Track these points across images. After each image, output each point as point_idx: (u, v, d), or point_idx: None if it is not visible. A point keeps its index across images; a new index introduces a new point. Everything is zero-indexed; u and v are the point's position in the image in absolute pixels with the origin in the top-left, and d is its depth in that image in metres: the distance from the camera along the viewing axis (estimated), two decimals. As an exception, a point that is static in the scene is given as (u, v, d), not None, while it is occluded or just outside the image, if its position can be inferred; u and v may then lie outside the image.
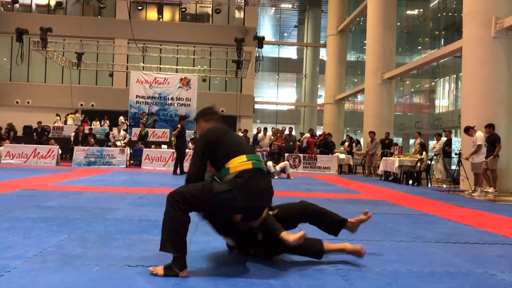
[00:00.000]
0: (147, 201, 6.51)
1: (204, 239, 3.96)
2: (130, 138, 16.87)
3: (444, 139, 13.79)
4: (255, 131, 20.11)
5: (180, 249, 2.82)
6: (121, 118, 20.36)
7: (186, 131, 18.59)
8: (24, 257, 3.14)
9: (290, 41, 35.33)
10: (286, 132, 17.12)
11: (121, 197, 6.82)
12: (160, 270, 2.84)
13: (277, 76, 32.97)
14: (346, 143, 17.93)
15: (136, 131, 18.36)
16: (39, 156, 14.90)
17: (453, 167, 12.77)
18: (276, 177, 12.24)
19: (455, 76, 20.64)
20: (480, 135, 9.93)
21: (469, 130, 10.17)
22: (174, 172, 12.73)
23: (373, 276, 3.00)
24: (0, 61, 25.77)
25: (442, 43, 21.65)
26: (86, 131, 17.55)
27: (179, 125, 13.01)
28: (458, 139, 15.76)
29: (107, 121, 21.14)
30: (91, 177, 10.48)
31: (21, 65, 20.28)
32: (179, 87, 21.81)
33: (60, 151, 15.59)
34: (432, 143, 16.26)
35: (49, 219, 4.69)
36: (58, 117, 21.62)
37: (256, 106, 29.37)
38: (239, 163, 2.97)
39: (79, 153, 14.94)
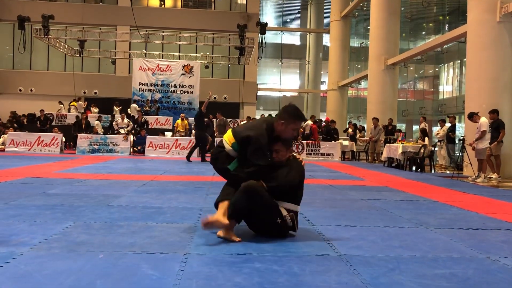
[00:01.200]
0: (151, 188, 6.54)
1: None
2: (134, 126, 16.90)
3: (448, 125, 13.74)
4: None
5: None
6: (135, 106, 20.26)
7: (189, 118, 18.64)
8: (29, 244, 3.17)
9: (293, 27, 35.08)
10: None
11: (125, 184, 6.86)
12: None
13: (280, 63, 32.82)
14: (350, 129, 17.90)
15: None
16: (43, 144, 14.96)
17: (457, 153, 12.76)
18: None
19: (459, 61, 20.50)
20: (484, 121, 9.89)
21: (473, 116, 10.14)
22: (188, 159, 12.85)
23: (376, 262, 3.01)
24: (3, 49, 25.73)
25: (447, 28, 21.49)
26: (94, 119, 17.53)
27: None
28: (462, 125, 15.71)
29: (118, 108, 20.49)
30: (95, 165, 10.53)
31: (23, 53, 20.28)
32: (181, 74, 21.77)
33: (63, 139, 15.65)
34: (436, 129, 16.22)
35: (54, 206, 4.73)
36: (62, 105, 21.64)
37: (259, 93, 29.30)
38: None
39: (83, 140, 14.99)
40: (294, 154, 3.72)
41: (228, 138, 3.65)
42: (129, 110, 19.81)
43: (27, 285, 2.34)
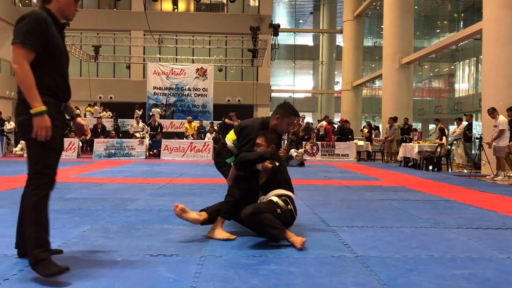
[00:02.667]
0: (167, 191, 6.58)
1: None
2: (149, 130, 17.03)
3: (465, 123, 13.55)
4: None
5: None
6: (158, 110, 20.40)
7: (204, 121, 18.73)
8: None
9: (306, 27, 35.01)
10: (306, 121, 17.11)
11: (141, 188, 6.91)
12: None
13: (293, 64, 32.77)
14: (365, 130, 17.78)
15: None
16: (61, 149, 15.14)
17: (474, 151, 12.58)
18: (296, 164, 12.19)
19: (475, 59, 20.23)
20: (503, 119, 9.71)
21: (494, 112, 9.86)
22: None
23: (393, 263, 2.99)
24: (20, 56, 26.09)
25: (462, 26, 21.21)
26: (110, 124, 17.71)
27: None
28: (479, 123, 15.49)
29: (140, 112, 20.39)
30: (112, 169, 10.63)
31: (40, 60, 20.51)
32: (195, 78, 21.88)
33: (80, 144, 15.84)
34: (452, 128, 16.02)
35: (72, 210, 4.79)
36: (78, 110, 21.89)
37: (273, 95, 29.30)
38: None
39: (99, 145, 15.15)
40: (280, 150, 3.94)
41: (230, 136, 4.00)
42: (150, 113, 19.95)
43: (47, 289, 2.37)
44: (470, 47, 19.79)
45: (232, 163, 3.78)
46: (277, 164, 3.57)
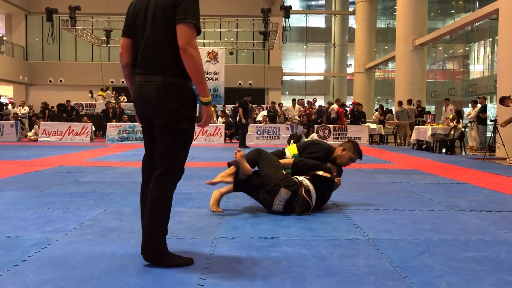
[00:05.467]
0: (179, 174, 6.60)
1: (234, 212, 4.03)
2: None
3: (479, 106, 13.36)
4: (288, 104, 19.86)
5: None
6: None
7: (217, 105, 18.72)
8: (64, 230, 3.27)
9: (318, 9, 34.55)
10: (319, 104, 17.01)
11: (154, 172, 6.95)
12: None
13: (305, 46, 32.47)
14: (377, 113, 17.64)
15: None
16: (74, 133, 15.31)
17: (488, 134, 12.42)
18: None
19: (490, 39, 19.85)
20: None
21: (504, 101, 9.75)
22: (243, 145, 12.98)
23: (405, 245, 2.99)
24: (33, 41, 26.27)
25: (477, 5, 20.77)
26: (126, 108, 17.86)
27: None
28: (493, 105, 15.27)
29: None
30: (125, 153, 10.72)
31: (52, 45, 20.70)
32: (206, 61, 21.79)
33: (93, 128, 15.97)
34: (467, 110, 15.81)
35: (86, 193, 4.85)
36: (91, 94, 22.06)
37: (284, 78, 29.11)
38: None
39: (112, 129, 15.27)
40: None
41: (291, 149, 4.40)
42: None
43: (63, 270, 2.42)
44: (486, 28, 19.41)
45: (293, 158, 4.20)
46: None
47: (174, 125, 2.43)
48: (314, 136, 13.19)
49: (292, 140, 12.31)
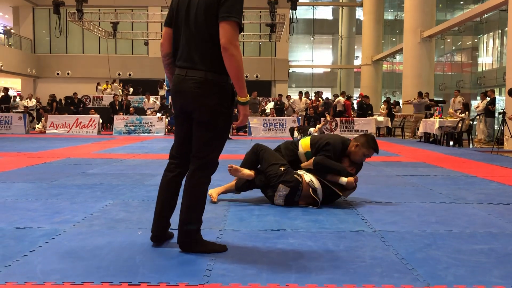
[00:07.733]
0: (185, 167, 6.62)
1: (241, 204, 4.05)
2: (159, 105, 17.13)
3: (487, 98, 13.25)
4: (295, 96, 19.75)
5: None
6: None
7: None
8: (72, 221, 3.30)
9: (325, 1, 34.31)
10: (326, 97, 16.94)
11: (161, 163, 6.97)
12: None
13: (312, 38, 32.30)
14: (384, 106, 17.54)
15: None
16: (81, 126, 15.38)
17: (496, 127, 12.33)
18: None
19: (500, 31, 19.61)
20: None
21: None
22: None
23: (411, 238, 2.98)
24: (40, 34, 26.35)
25: (487, -4, 20.51)
26: (132, 100, 17.92)
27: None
28: (502, 98, 15.14)
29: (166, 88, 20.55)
30: (132, 145, 10.76)
31: (59, 37, 20.75)
32: (213, 54, 21.71)
33: (101, 120, 16.03)
34: (475, 103, 15.69)
35: (94, 185, 4.88)
36: (99, 87, 22.12)
37: (291, 70, 29.01)
38: None
39: (119, 121, 15.31)
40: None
41: (304, 144, 4.14)
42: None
43: (71, 260, 2.45)
44: (495, 19, 19.18)
45: (313, 159, 3.98)
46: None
47: (213, 123, 2.48)
48: (311, 130, 12.99)
49: (297, 132, 12.23)
